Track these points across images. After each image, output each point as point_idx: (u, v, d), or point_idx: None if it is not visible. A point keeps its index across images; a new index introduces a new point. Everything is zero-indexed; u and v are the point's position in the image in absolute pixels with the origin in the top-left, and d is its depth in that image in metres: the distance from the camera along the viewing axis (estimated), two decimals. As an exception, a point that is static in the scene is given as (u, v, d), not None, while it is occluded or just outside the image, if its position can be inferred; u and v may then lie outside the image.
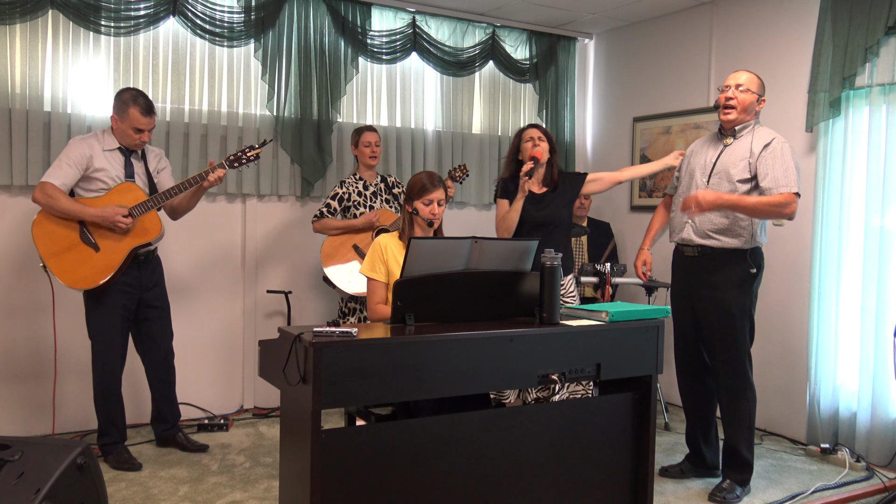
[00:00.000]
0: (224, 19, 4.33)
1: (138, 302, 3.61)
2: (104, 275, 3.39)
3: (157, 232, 3.48)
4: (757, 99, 3.30)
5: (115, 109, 3.49)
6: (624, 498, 2.85)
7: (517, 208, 3.59)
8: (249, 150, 3.62)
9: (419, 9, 4.93)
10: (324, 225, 4.18)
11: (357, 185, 4.25)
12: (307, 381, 2.22)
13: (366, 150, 4.25)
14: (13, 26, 3.83)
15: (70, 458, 2.14)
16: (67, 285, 3.38)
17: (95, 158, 3.44)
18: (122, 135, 3.49)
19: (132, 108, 3.44)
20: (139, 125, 3.46)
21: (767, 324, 4.29)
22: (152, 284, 3.65)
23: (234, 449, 3.88)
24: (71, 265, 3.37)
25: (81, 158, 3.41)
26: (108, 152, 3.49)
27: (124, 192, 3.45)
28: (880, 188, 3.81)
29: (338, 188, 4.23)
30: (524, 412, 2.78)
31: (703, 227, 3.31)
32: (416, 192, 3.04)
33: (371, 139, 4.26)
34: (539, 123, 3.85)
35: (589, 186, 3.79)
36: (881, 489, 3.50)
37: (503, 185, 3.76)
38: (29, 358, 4.01)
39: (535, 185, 3.72)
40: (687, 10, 4.97)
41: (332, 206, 4.19)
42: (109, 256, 3.40)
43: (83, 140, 3.48)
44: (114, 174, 3.48)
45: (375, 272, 3.02)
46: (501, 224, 3.67)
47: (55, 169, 3.38)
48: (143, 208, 3.43)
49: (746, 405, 3.33)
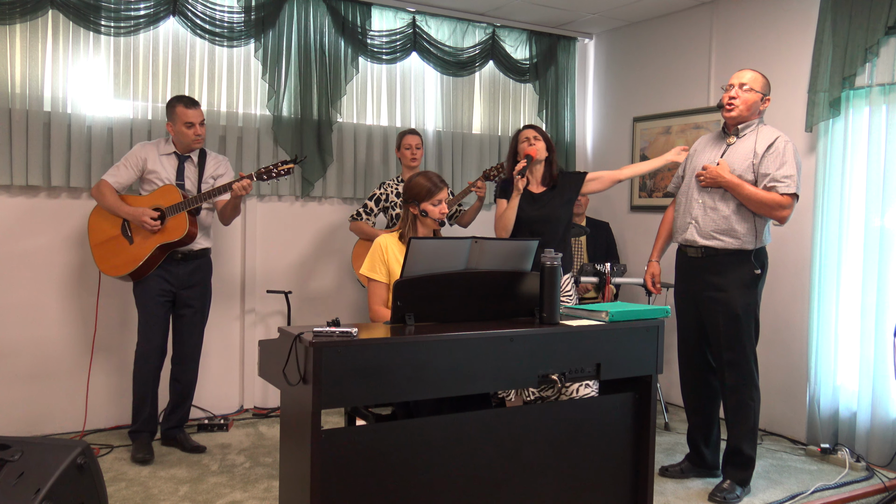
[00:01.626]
0: (224, 19, 4.33)
1: (175, 297, 3.77)
2: (132, 265, 3.64)
3: (182, 233, 3.63)
4: (761, 98, 3.29)
5: (168, 115, 3.75)
6: (624, 498, 2.85)
7: (513, 206, 3.62)
8: (282, 164, 3.72)
9: (419, 9, 4.93)
10: (357, 228, 4.39)
11: (397, 186, 4.40)
12: (307, 381, 2.22)
13: (407, 153, 4.43)
14: (13, 26, 3.83)
15: (70, 458, 2.15)
16: (102, 271, 3.73)
17: (150, 161, 3.71)
18: (179, 137, 3.73)
19: (178, 107, 3.70)
20: (188, 118, 3.69)
21: (768, 324, 4.28)
22: (191, 283, 3.80)
23: (234, 449, 3.88)
24: (108, 253, 3.71)
25: (137, 161, 3.70)
26: (164, 156, 3.74)
27: (165, 194, 3.69)
28: (880, 188, 3.81)
29: (376, 189, 4.42)
30: (524, 412, 2.78)
31: (707, 227, 3.31)
32: (423, 194, 3.06)
33: (412, 142, 4.43)
34: (535, 124, 3.87)
35: (588, 185, 3.79)
36: (881, 489, 3.50)
37: (502, 185, 3.78)
38: (31, 358, 4.01)
39: (534, 184, 3.73)
40: (687, 10, 4.97)
41: (368, 206, 4.37)
42: (138, 250, 3.66)
43: (144, 145, 3.77)
44: (164, 176, 3.71)
45: (376, 273, 3.03)
46: (498, 223, 3.70)
47: (114, 168, 3.71)
48: (175, 209, 3.64)
49: (752, 404, 3.32)
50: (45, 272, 4.02)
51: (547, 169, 3.74)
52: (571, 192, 3.75)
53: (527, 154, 3.63)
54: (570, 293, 3.72)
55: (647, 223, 5.09)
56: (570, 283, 3.73)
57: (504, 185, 3.77)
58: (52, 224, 4.04)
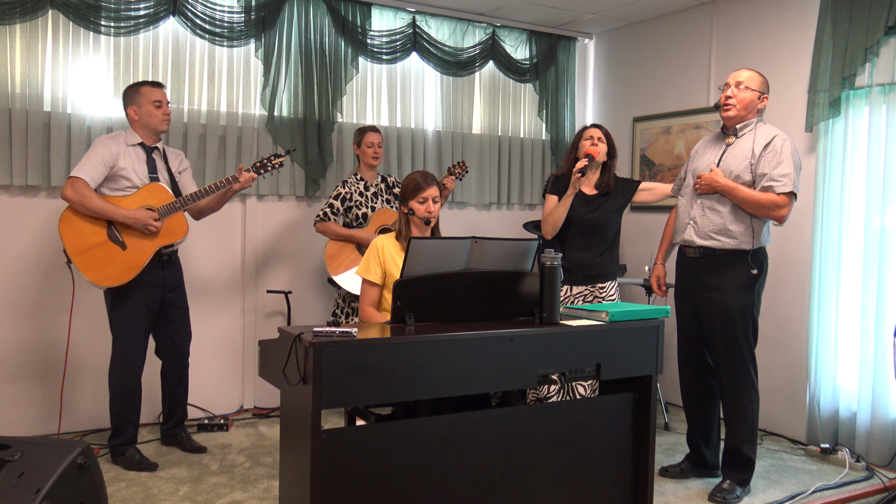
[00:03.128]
0: (224, 19, 4.33)
1: (161, 302, 3.63)
2: (130, 273, 3.41)
3: (183, 233, 3.53)
4: (758, 97, 3.29)
5: (129, 101, 3.54)
6: (624, 498, 2.86)
7: (566, 204, 3.59)
8: (275, 157, 3.68)
9: (419, 9, 4.93)
10: (326, 228, 4.18)
11: (358, 185, 4.25)
12: (307, 381, 2.22)
13: (368, 151, 4.24)
14: (13, 26, 3.83)
15: (70, 458, 2.14)
16: (93, 282, 3.37)
17: (121, 157, 3.46)
18: (145, 120, 3.51)
19: (143, 88, 3.52)
20: (155, 97, 3.52)
21: (767, 324, 4.29)
22: (175, 285, 3.69)
23: (234, 449, 3.88)
24: (98, 262, 3.38)
25: (109, 156, 3.42)
26: (131, 147, 3.51)
27: (154, 193, 3.48)
28: (880, 188, 3.81)
29: (340, 188, 4.23)
30: (524, 412, 2.78)
31: (705, 227, 3.31)
32: (410, 191, 3.05)
33: (374, 140, 4.25)
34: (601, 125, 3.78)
35: (641, 196, 3.78)
36: (881, 489, 3.50)
37: (555, 181, 3.75)
38: (34, 358, 4.01)
39: (588, 186, 3.70)
40: (687, 10, 4.97)
41: (334, 206, 4.19)
42: (136, 255, 3.42)
43: (110, 138, 3.51)
44: (136, 171, 3.49)
45: (370, 274, 3.03)
46: (548, 219, 3.67)
47: (85, 165, 3.37)
48: (170, 209, 3.47)
49: (749, 405, 3.33)
50: (45, 272, 4.02)
51: (604, 173, 3.71)
52: (624, 199, 3.74)
53: (587, 153, 3.59)
54: (614, 298, 3.70)
55: (647, 223, 5.09)
56: (614, 289, 3.72)
57: (556, 182, 3.73)
58: (53, 224, 4.03)
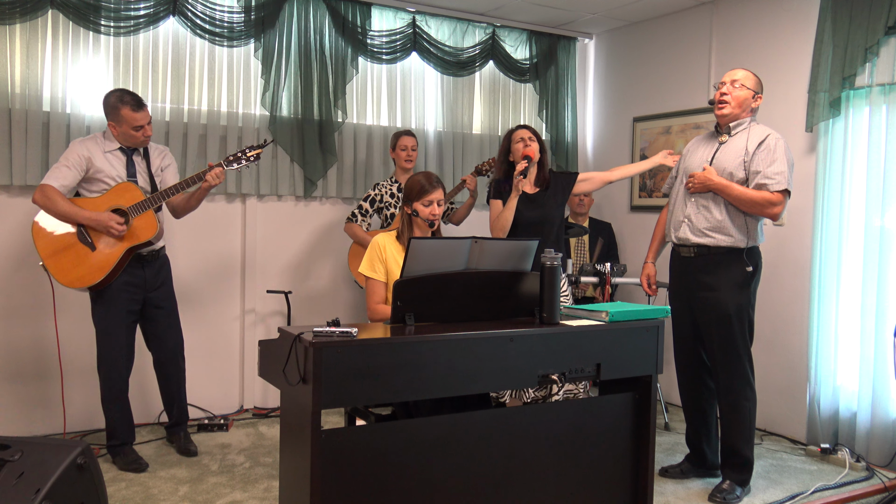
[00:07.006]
0: (224, 19, 4.33)
1: (144, 301, 3.60)
2: (99, 274, 3.39)
3: (153, 232, 3.45)
4: (752, 96, 3.30)
5: (109, 116, 3.49)
6: (624, 498, 2.85)
7: (511, 207, 3.64)
8: (249, 149, 3.62)
9: (419, 9, 4.93)
10: (352, 232, 4.38)
11: (391, 187, 4.42)
12: (307, 381, 2.22)
13: (402, 154, 4.44)
14: (13, 26, 3.83)
15: (70, 458, 2.14)
16: (63, 284, 3.39)
17: (95, 159, 3.44)
18: (125, 137, 3.49)
19: (123, 110, 3.44)
20: (136, 122, 3.46)
21: (767, 324, 4.29)
22: (158, 284, 3.64)
23: (234, 449, 3.88)
24: (67, 264, 3.38)
25: (80, 160, 3.42)
26: (109, 153, 3.50)
27: (122, 192, 3.45)
28: (880, 188, 3.80)
29: (371, 190, 4.43)
30: (524, 412, 2.78)
31: (699, 225, 3.32)
32: (415, 193, 3.06)
33: (408, 143, 4.43)
34: (528, 125, 3.88)
35: (580, 186, 3.85)
36: (881, 489, 3.50)
37: (496, 185, 3.81)
38: (32, 358, 4.01)
39: (528, 185, 3.76)
40: (687, 10, 4.97)
41: (363, 207, 4.38)
42: (105, 256, 3.40)
43: (82, 142, 3.49)
44: (114, 174, 3.48)
45: (375, 272, 3.03)
46: (496, 224, 3.72)
47: (54, 171, 3.39)
48: (139, 208, 3.43)
49: (746, 405, 3.33)
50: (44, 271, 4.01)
51: (540, 170, 3.78)
52: (564, 192, 3.80)
53: (525, 155, 3.65)
54: (567, 293, 3.72)
55: (647, 223, 5.08)
56: (565, 283, 3.75)
57: (497, 186, 3.79)
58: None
